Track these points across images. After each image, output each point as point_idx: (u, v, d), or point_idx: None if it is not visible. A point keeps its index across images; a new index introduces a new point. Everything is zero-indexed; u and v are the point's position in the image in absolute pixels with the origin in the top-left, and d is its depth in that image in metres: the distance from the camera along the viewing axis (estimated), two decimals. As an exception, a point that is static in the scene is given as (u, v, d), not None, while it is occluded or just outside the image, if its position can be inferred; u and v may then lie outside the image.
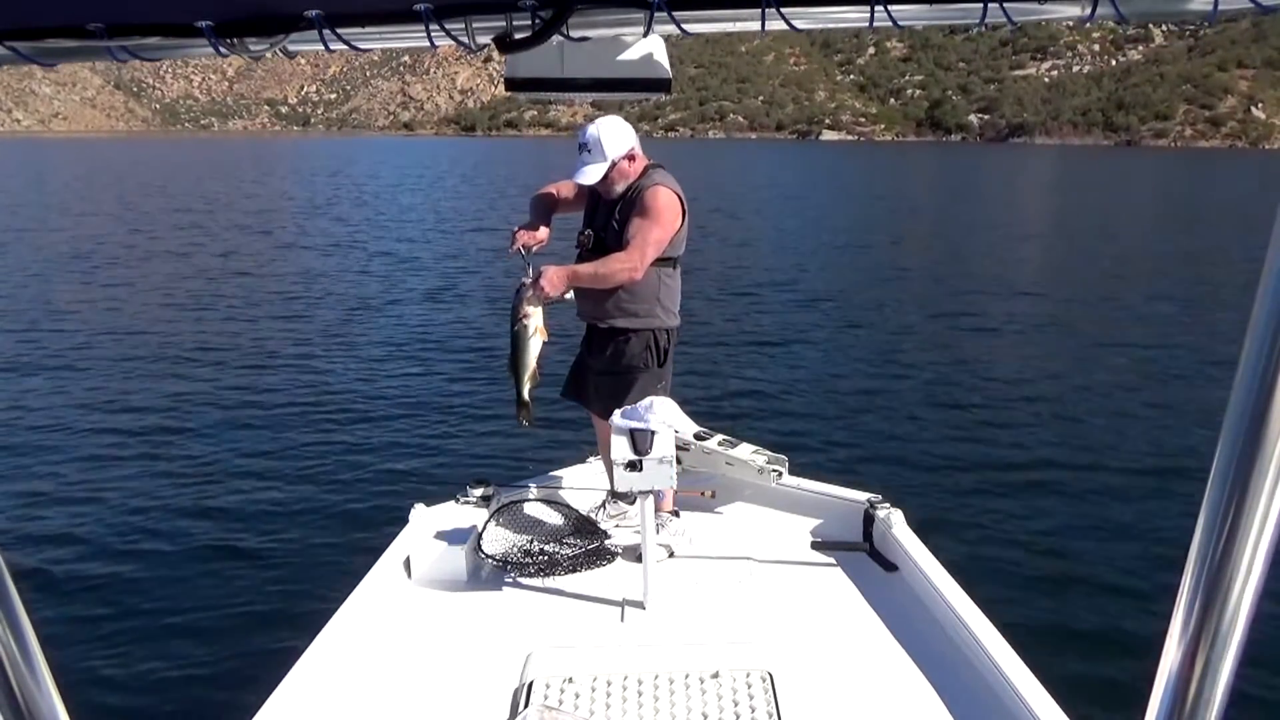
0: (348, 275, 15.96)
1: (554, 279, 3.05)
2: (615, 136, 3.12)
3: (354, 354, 10.06)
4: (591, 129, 3.13)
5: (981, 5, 0.96)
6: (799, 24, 1.01)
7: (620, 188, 3.20)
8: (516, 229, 3.27)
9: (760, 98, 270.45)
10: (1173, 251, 20.55)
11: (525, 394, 3.11)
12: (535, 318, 3.03)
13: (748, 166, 68.51)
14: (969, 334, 11.03)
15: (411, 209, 30.69)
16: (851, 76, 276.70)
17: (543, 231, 3.29)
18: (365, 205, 31.98)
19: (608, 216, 3.25)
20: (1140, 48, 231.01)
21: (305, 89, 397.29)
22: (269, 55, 1.07)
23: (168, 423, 7.56)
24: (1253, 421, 0.80)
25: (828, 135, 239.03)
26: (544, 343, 3.06)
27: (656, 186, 3.14)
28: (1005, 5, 0.95)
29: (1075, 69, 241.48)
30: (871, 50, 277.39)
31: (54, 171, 54.78)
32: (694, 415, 3.42)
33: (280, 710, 2.26)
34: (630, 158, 3.17)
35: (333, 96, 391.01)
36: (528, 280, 3.03)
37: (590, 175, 3.14)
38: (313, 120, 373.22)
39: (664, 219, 3.12)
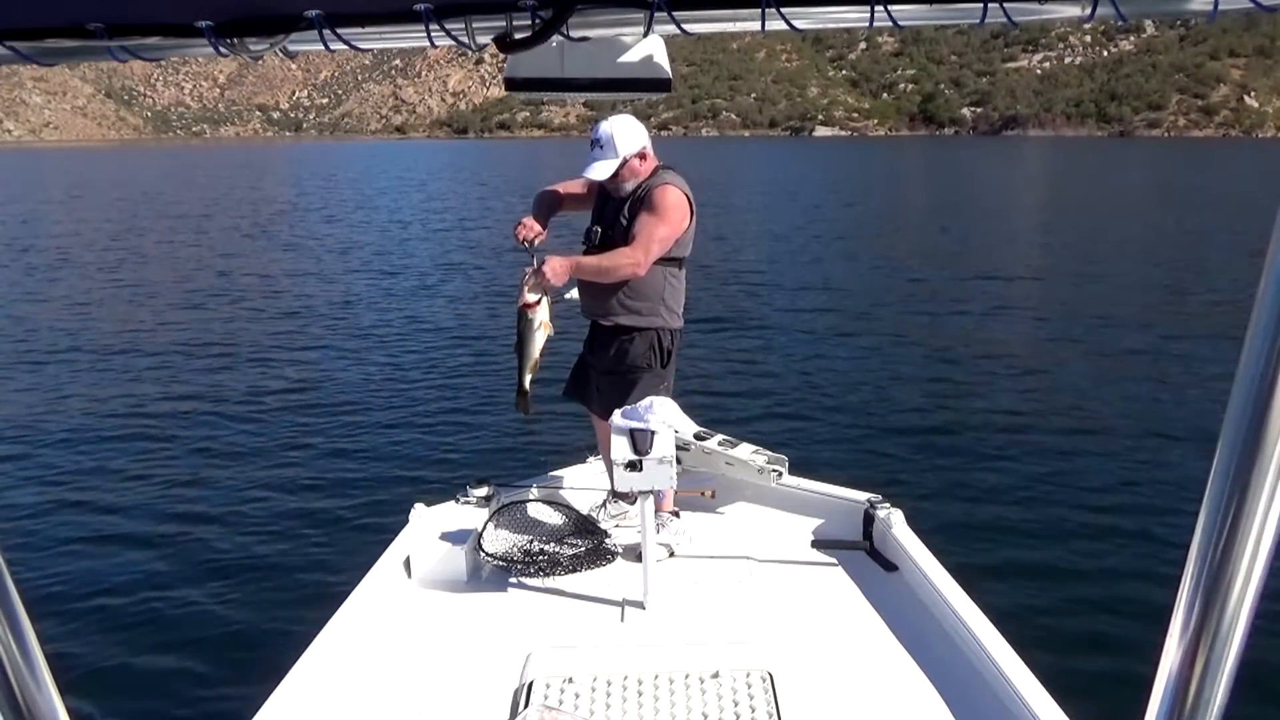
0: (346, 278, 15.94)
1: (557, 268, 3.05)
2: (628, 134, 3.14)
3: (354, 355, 10.06)
4: (605, 126, 3.15)
5: (981, 5, 0.95)
6: (799, 24, 1.00)
7: (629, 186, 3.21)
8: (518, 222, 3.31)
9: (753, 95, 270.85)
10: (1172, 244, 20.53)
11: (526, 384, 3.13)
12: (541, 311, 3.04)
13: (742, 164, 68.56)
14: (969, 333, 11.01)
15: (408, 212, 30.68)
16: (844, 72, 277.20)
17: (541, 227, 3.32)
18: (361, 209, 31.97)
19: (616, 214, 3.25)
20: (1132, 38, 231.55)
21: (297, 94, 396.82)
22: (269, 55, 1.06)
23: (167, 425, 7.55)
24: (1253, 421, 0.79)
25: (821, 131, 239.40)
26: (549, 336, 3.08)
27: (666, 185, 3.15)
28: (1005, 5, 0.95)
29: (1067, 60, 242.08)
30: (863, 45, 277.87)
31: (47, 181, 54.69)
32: (694, 415, 3.42)
33: (280, 710, 2.26)
34: (641, 156, 3.18)
35: (324, 101, 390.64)
36: (530, 270, 3.04)
37: (600, 171, 3.15)
38: (305, 125, 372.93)
39: (671, 217, 3.12)
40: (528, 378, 3.12)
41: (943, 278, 15.27)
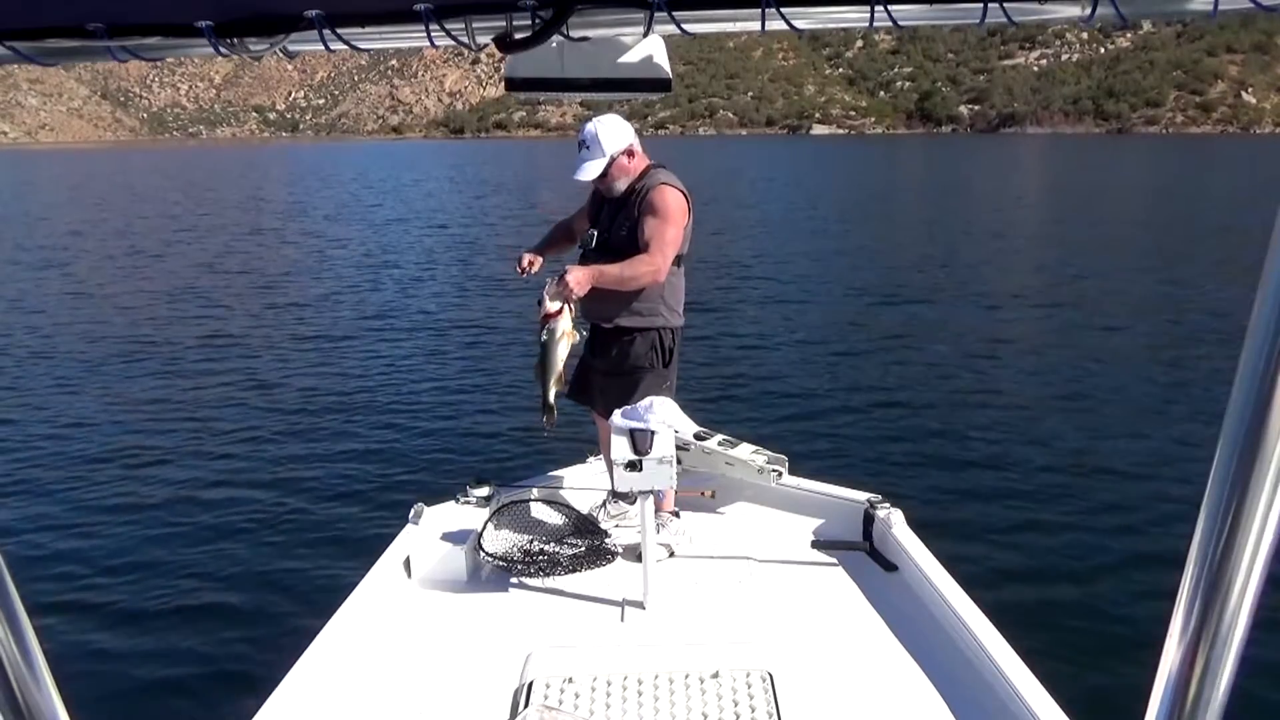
0: (346, 278, 15.92)
1: (580, 278, 3.05)
2: (613, 133, 3.16)
3: (354, 355, 10.05)
4: (590, 126, 3.17)
5: (981, 5, 0.95)
6: (799, 24, 1.00)
7: (621, 185, 3.22)
8: (523, 256, 3.38)
9: (749, 94, 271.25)
10: (1172, 241, 20.55)
11: (551, 398, 3.13)
12: (564, 320, 3.05)
13: (740, 163, 68.56)
14: (970, 332, 11.00)
15: (406, 211, 30.68)
16: (840, 70, 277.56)
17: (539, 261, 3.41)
18: (360, 209, 31.95)
19: (612, 216, 3.27)
20: (1129, 35, 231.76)
21: (293, 95, 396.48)
22: (266, 56, 1.06)
23: (166, 426, 7.55)
24: (1253, 421, 0.79)
25: (818, 130, 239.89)
26: (572, 344, 3.09)
27: (663, 186, 3.16)
28: (1005, 5, 0.95)
29: (1064, 57, 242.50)
30: (860, 43, 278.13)
31: (42, 183, 54.66)
32: (694, 415, 3.42)
33: (280, 710, 2.26)
34: (629, 153, 3.19)
35: (321, 102, 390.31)
36: (553, 280, 3.05)
37: (590, 171, 3.17)
38: (301, 126, 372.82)
39: (675, 218, 3.15)
40: (552, 390, 3.11)
41: (942, 277, 15.28)
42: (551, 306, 3.02)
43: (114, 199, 38.56)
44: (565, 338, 3.05)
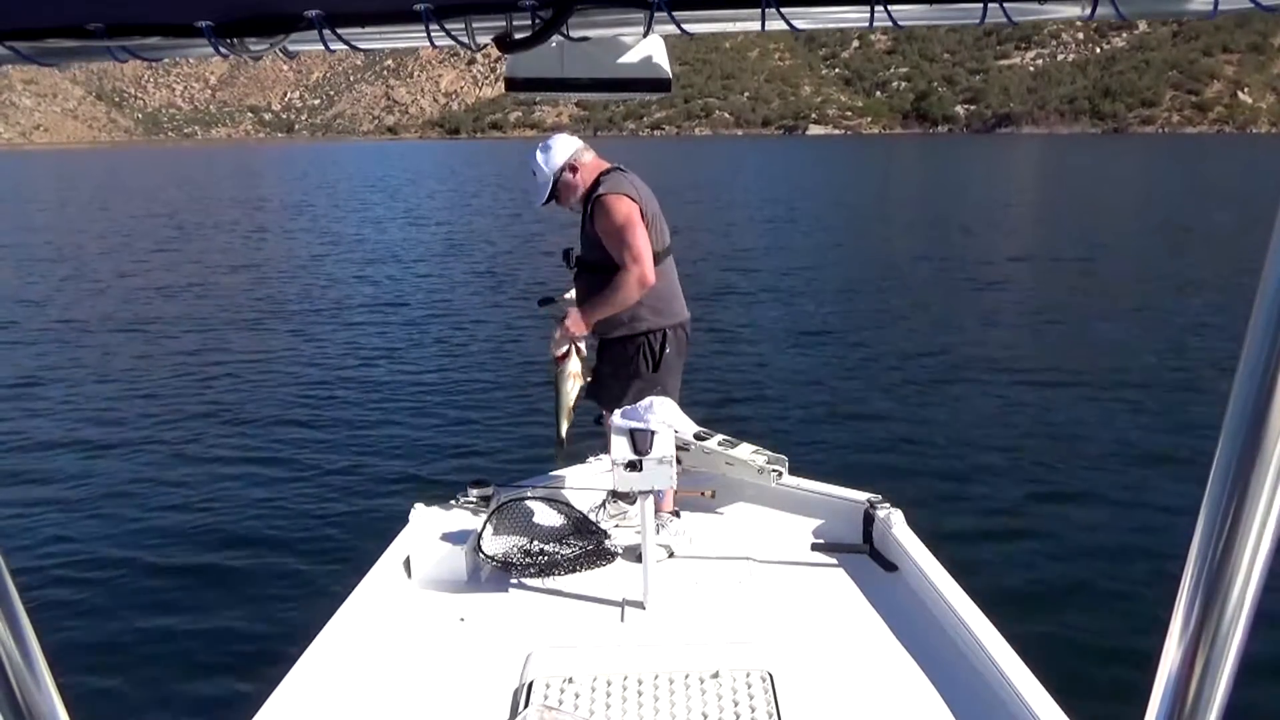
0: (345, 278, 15.92)
1: (577, 321, 3.19)
2: (552, 153, 3.28)
3: (354, 355, 10.05)
4: (533, 156, 3.33)
5: (981, 5, 0.96)
6: (799, 24, 1.00)
7: (578, 200, 3.31)
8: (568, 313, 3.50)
9: (746, 94, 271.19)
10: (1169, 237, 20.58)
11: (562, 432, 3.33)
12: (572, 362, 3.20)
13: (737, 163, 68.53)
14: (969, 332, 11.01)
15: (405, 211, 30.65)
16: (836, 70, 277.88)
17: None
18: (358, 209, 31.93)
19: (581, 232, 3.36)
20: (1125, 35, 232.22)
21: (289, 95, 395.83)
22: (269, 55, 1.06)
23: (167, 425, 7.54)
24: (1253, 421, 0.79)
25: (814, 130, 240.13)
26: (581, 386, 3.27)
27: (600, 198, 3.19)
28: (1005, 5, 0.95)
29: (1060, 57, 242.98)
30: (856, 44, 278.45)
31: (39, 183, 54.49)
32: (694, 415, 3.42)
33: (280, 710, 2.25)
34: (572, 169, 3.27)
35: (316, 102, 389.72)
36: (555, 329, 3.23)
37: (540, 196, 3.33)
38: (297, 126, 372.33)
39: (629, 223, 3.16)
40: (564, 426, 3.29)
41: (941, 277, 15.29)
42: (559, 350, 3.19)
43: (110, 198, 38.49)
44: (574, 379, 3.20)
